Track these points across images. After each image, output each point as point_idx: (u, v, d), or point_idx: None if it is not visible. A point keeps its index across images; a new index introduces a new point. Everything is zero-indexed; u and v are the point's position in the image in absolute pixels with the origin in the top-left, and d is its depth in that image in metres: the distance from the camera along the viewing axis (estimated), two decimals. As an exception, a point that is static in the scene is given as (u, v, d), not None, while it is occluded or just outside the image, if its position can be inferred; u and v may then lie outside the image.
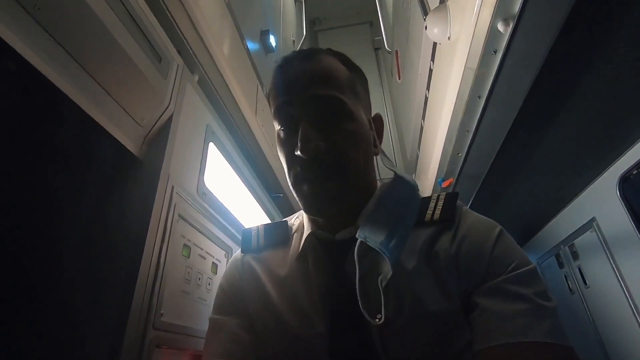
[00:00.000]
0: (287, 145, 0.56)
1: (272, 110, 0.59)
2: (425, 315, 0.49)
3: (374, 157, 0.62)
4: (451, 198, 0.59)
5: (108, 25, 0.59)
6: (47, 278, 0.54)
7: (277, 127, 0.59)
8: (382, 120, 0.65)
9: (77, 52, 0.56)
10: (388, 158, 0.62)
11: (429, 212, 0.58)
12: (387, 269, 0.51)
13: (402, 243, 0.53)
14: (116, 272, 0.59)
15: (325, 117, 0.54)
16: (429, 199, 0.60)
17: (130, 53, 0.64)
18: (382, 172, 0.66)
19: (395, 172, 0.60)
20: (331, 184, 0.53)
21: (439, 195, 0.60)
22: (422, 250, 0.54)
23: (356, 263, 0.52)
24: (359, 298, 0.50)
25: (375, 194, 0.60)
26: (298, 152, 0.52)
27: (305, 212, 0.57)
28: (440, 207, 0.58)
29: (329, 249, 0.58)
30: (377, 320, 0.49)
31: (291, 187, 0.57)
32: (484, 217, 0.58)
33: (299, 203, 0.57)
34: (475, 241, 0.53)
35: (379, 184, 0.63)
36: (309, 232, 0.60)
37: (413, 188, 0.60)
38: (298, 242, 0.63)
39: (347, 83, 0.58)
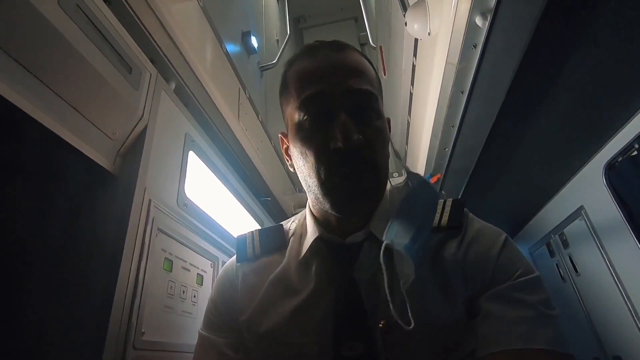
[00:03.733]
0: (319, 137, 0.52)
1: (297, 101, 0.54)
2: (429, 321, 0.49)
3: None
4: (458, 205, 0.58)
5: (69, 38, 0.56)
6: (15, 302, 0.52)
7: (299, 117, 0.54)
8: (390, 124, 0.64)
9: (36, 69, 0.54)
10: (400, 158, 0.61)
11: (436, 217, 0.57)
12: (408, 273, 0.50)
13: (423, 248, 0.52)
14: (90, 293, 0.57)
15: (361, 111, 0.53)
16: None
17: (96, 65, 0.61)
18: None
19: (421, 177, 0.57)
20: (365, 179, 0.51)
21: (445, 201, 0.59)
22: (429, 256, 0.54)
23: (382, 266, 0.50)
24: (389, 300, 0.48)
25: (395, 197, 0.59)
26: (339, 144, 0.49)
27: (335, 210, 0.52)
28: (447, 214, 0.57)
29: (337, 253, 0.57)
30: (408, 327, 0.47)
31: (318, 184, 0.52)
32: (490, 225, 0.58)
33: (324, 200, 0.53)
34: (482, 248, 0.53)
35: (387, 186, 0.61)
36: (315, 235, 0.58)
37: (437, 195, 0.57)
38: (297, 247, 0.61)
39: (376, 82, 0.58)
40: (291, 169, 0.62)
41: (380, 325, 0.49)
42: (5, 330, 0.51)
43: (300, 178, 0.58)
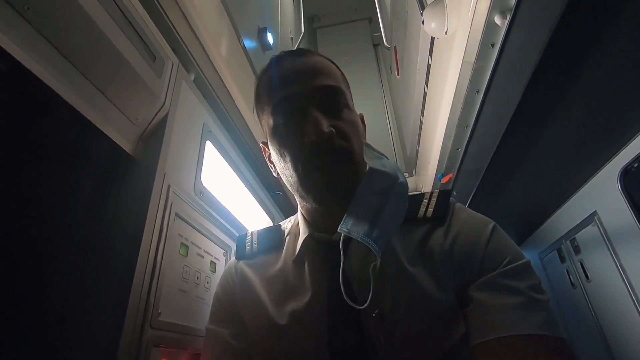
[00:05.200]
0: (294, 135, 0.55)
1: (270, 107, 0.58)
2: (421, 308, 0.50)
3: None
4: (444, 195, 0.60)
5: (100, 24, 0.58)
6: (41, 279, 0.54)
7: (274, 120, 0.57)
8: (364, 120, 0.67)
9: (69, 52, 0.56)
10: (372, 149, 0.61)
11: (422, 208, 0.59)
12: (373, 258, 0.51)
13: (386, 232, 0.53)
14: (112, 271, 0.59)
15: (329, 106, 0.56)
16: (422, 195, 0.61)
17: (124, 52, 0.63)
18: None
19: (370, 167, 0.57)
20: (342, 168, 0.54)
21: (432, 193, 0.61)
22: (417, 246, 0.55)
23: (341, 252, 0.52)
24: (341, 286, 0.50)
25: None
26: (312, 137, 0.52)
27: (317, 202, 0.55)
28: (433, 205, 0.59)
29: (326, 250, 0.58)
30: (369, 309, 0.49)
31: (298, 180, 0.55)
32: (478, 214, 0.59)
33: (306, 195, 0.55)
34: (470, 237, 0.54)
35: None
36: (305, 235, 0.60)
37: (391, 178, 0.57)
38: (292, 245, 0.63)
39: (342, 79, 0.61)
40: (275, 175, 0.65)
41: (374, 314, 0.50)
42: (32, 305, 0.53)
43: (284, 181, 0.61)
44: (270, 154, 0.64)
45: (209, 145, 0.95)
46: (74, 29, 0.55)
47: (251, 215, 1.24)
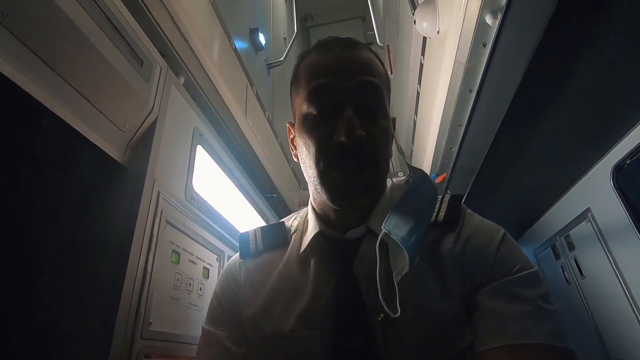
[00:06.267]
0: (323, 129, 0.53)
1: (306, 92, 0.55)
2: (427, 314, 0.49)
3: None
4: (455, 200, 0.59)
5: (83, 30, 0.57)
6: (27, 290, 0.53)
7: (306, 108, 0.55)
8: (395, 125, 0.66)
9: (51, 59, 0.55)
10: (404, 155, 0.61)
11: (434, 213, 0.58)
12: (402, 265, 0.49)
13: (419, 241, 0.52)
14: (101, 282, 0.58)
15: (366, 108, 0.54)
16: None
17: (109, 57, 0.62)
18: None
19: (423, 172, 0.57)
20: (365, 174, 0.52)
21: (443, 197, 0.60)
22: (427, 251, 0.54)
23: (377, 254, 0.50)
24: (379, 290, 0.48)
25: (396, 194, 0.60)
26: (341, 138, 0.50)
27: (332, 202, 0.54)
28: (444, 209, 0.58)
29: (336, 248, 0.57)
30: (394, 315, 0.47)
31: (317, 175, 0.54)
32: (488, 221, 0.58)
33: (322, 192, 0.54)
34: (480, 243, 0.53)
35: (388, 183, 0.63)
36: (316, 231, 0.59)
37: (436, 190, 0.57)
38: (299, 243, 0.62)
39: (385, 81, 0.59)
40: (295, 159, 0.63)
41: (380, 318, 0.49)
42: (18, 317, 0.52)
43: (302, 168, 0.59)
44: (294, 136, 0.62)
45: (200, 150, 0.94)
46: (56, 35, 0.54)
47: (245, 218, 1.23)
